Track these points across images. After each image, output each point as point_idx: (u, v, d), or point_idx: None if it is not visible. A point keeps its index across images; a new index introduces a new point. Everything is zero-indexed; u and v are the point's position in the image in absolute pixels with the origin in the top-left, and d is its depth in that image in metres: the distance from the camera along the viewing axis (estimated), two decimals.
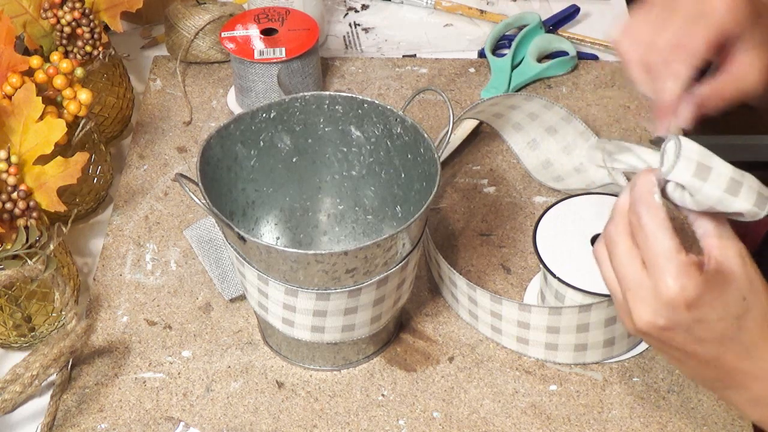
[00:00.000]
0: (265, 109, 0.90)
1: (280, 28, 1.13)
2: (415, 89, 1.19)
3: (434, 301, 0.97)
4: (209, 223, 0.96)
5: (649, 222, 0.67)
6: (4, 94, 0.94)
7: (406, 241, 0.82)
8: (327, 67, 1.23)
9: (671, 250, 0.66)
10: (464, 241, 1.02)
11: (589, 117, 1.15)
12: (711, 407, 0.87)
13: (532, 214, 1.05)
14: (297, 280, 0.81)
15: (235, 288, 0.96)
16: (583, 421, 0.87)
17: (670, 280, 0.66)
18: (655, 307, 0.68)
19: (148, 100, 1.20)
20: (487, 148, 1.12)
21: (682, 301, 0.66)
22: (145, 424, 0.87)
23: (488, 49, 1.23)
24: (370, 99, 0.90)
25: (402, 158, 0.91)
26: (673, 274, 0.66)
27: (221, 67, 1.24)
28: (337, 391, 0.90)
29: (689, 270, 0.66)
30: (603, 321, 0.87)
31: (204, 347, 0.93)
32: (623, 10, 1.32)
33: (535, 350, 0.91)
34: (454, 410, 0.88)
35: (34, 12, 1.05)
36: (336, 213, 0.99)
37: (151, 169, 1.11)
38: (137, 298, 0.98)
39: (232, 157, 0.91)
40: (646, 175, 0.69)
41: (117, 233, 1.04)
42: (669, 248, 0.67)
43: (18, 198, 0.90)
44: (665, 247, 0.67)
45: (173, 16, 1.22)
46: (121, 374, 0.91)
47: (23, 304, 0.91)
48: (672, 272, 0.66)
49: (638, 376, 0.90)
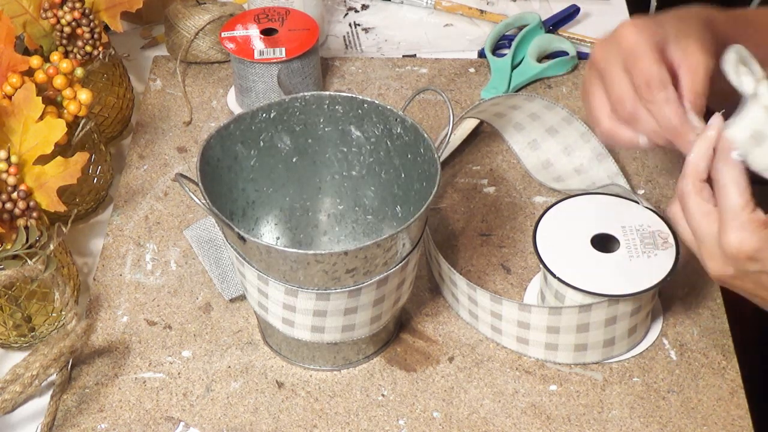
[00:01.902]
0: (265, 109, 0.90)
1: (280, 28, 1.13)
2: (415, 89, 1.19)
3: (434, 301, 0.97)
4: (209, 223, 0.96)
5: (723, 177, 0.73)
6: (4, 94, 0.94)
7: (406, 241, 0.82)
8: (327, 67, 1.23)
9: (738, 206, 0.72)
10: (464, 241, 1.02)
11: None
12: (711, 407, 0.87)
13: (532, 214, 1.05)
14: (297, 280, 0.81)
15: (235, 288, 0.96)
16: (583, 421, 0.87)
17: (732, 234, 0.72)
18: (722, 258, 0.74)
19: (148, 100, 1.20)
20: (487, 148, 1.12)
21: (743, 254, 0.72)
22: (145, 424, 0.87)
23: (488, 49, 1.23)
24: (370, 99, 0.90)
25: (402, 158, 0.91)
26: (736, 229, 0.72)
27: (221, 67, 1.24)
28: (337, 391, 0.90)
29: (751, 226, 0.72)
30: (603, 321, 0.87)
31: (204, 347, 0.93)
32: (623, 10, 1.32)
33: (535, 350, 0.91)
34: (454, 410, 0.88)
35: (34, 12, 1.05)
36: (336, 213, 0.99)
37: (151, 169, 1.11)
38: (137, 298, 0.98)
39: (232, 157, 0.91)
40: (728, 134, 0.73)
41: (117, 233, 1.04)
42: (736, 204, 0.72)
43: (18, 198, 0.90)
44: (733, 203, 0.72)
45: (173, 16, 1.22)
46: (121, 374, 0.91)
47: (23, 304, 0.91)
48: (735, 227, 0.72)
49: (638, 376, 0.90)
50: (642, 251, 0.88)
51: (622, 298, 0.86)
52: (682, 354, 0.91)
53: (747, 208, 0.72)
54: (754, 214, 0.72)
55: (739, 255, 0.72)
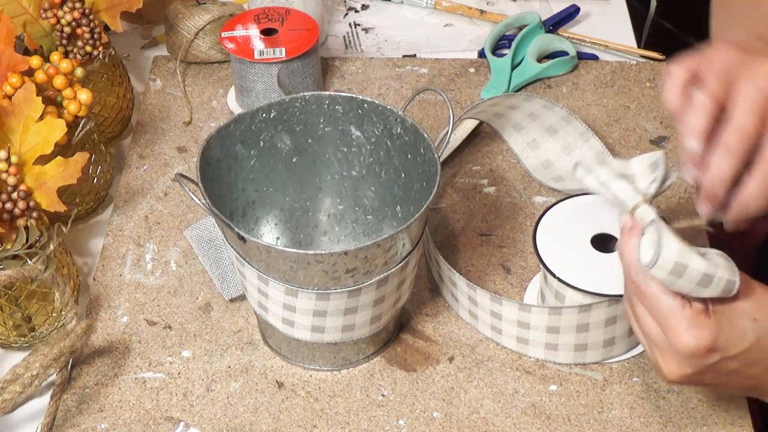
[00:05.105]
0: (265, 109, 0.90)
1: (280, 28, 1.13)
2: (415, 89, 1.19)
3: (434, 301, 0.97)
4: (209, 223, 0.96)
5: (648, 287, 0.73)
6: (4, 94, 0.94)
7: (406, 241, 0.82)
8: (327, 67, 1.23)
9: (676, 308, 0.72)
10: (464, 241, 1.02)
11: (589, 117, 1.15)
12: (711, 407, 0.87)
13: (532, 214, 1.05)
14: (297, 280, 0.81)
15: (235, 288, 0.96)
16: (583, 421, 0.87)
17: (685, 335, 0.71)
18: (678, 360, 0.73)
19: (148, 100, 1.20)
20: (487, 148, 1.12)
21: (702, 350, 0.71)
22: (145, 424, 0.88)
23: (488, 49, 1.23)
24: (370, 99, 0.90)
25: (402, 158, 0.91)
26: (686, 329, 0.72)
27: (221, 67, 1.24)
28: (337, 391, 0.90)
29: (698, 320, 0.71)
30: (603, 321, 0.87)
31: (204, 347, 0.93)
32: (623, 11, 1.32)
33: (535, 350, 0.91)
34: (454, 410, 0.88)
35: (34, 12, 1.05)
36: (336, 213, 0.99)
37: (151, 169, 1.11)
38: (137, 298, 0.98)
39: (232, 157, 0.91)
40: (628, 241, 0.73)
41: (117, 233, 1.04)
42: (673, 306, 0.72)
43: (18, 198, 0.90)
44: (670, 307, 0.72)
45: (173, 16, 1.22)
46: (121, 374, 0.91)
47: (23, 304, 0.91)
48: (684, 327, 0.72)
49: (638, 376, 0.90)
50: None
51: (622, 298, 0.86)
52: None
53: (686, 306, 0.72)
54: (693, 307, 0.72)
55: (698, 352, 0.71)
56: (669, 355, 0.74)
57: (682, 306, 0.72)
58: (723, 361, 0.73)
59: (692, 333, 0.71)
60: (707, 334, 0.71)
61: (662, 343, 0.74)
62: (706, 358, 0.72)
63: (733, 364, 0.73)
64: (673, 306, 0.72)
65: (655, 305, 0.73)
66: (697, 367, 0.73)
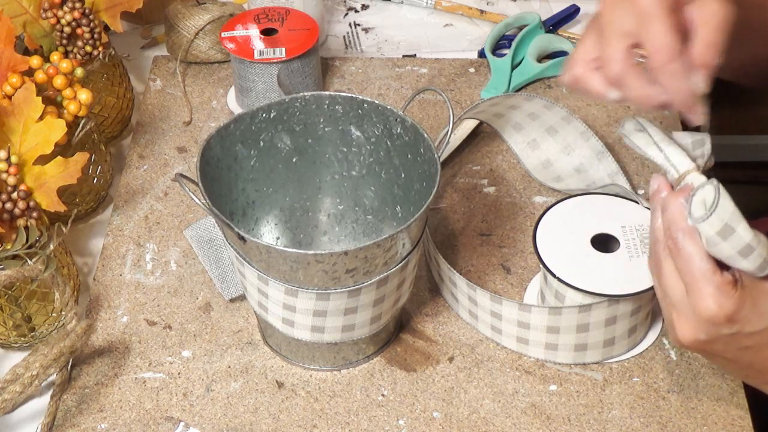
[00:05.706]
0: (265, 109, 0.90)
1: (280, 28, 1.14)
2: (415, 89, 1.19)
3: (434, 301, 0.97)
4: (209, 223, 0.96)
5: (685, 246, 0.72)
6: (4, 94, 0.95)
7: (406, 241, 0.82)
8: (327, 67, 1.23)
9: (708, 272, 0.72)
10: (464, 241, 1.02)
11: (589, 117, 1.15)
12: (711, 407, 0.87)
13: (532, 214, 1.05)
14: (297, 280, 0.81)
15: (235, 288, 0.96)
16: (583, 421, 0.87)
17: (709, 300, 0.72)
18: (695, 324, 0.74)
19: (148, 100, 1.20)
20: (487, 148, 1.12)
21: (722, 318, 0.72)
22: (145, 424, 0.88)
23: (488, 49, 1.23)
24: (370, 99, 0.90)
25: (402, 158, 0.91)
26: (711, 295, 0.72)
27: (221, 67, 1.24)
28: (337, 391, 0.90)
29: (725, 288, 0.72)
30: (603, 321, 0.87)
31: (204, 347, 0.93)
32: None
33: (535, 350, 0.91)
34: (454, 410, 0.88)
35: (34, 12, 1.05)
36: (336, 213, 0.99)
37: (151, 169, 1.11)
38: (137, 298, 0.98)
39: (232, 157, 0.91)
40: (676, 199, 0.73)
41: (117, 233, 1.04)
42: (706, 270, 0.72)
43: (18, 198, 0.90)
44: (702, 270, 0.72)
45: (173, 16, 1.22)
46: (121, 374, 0.91)
47: (23, 304, 0.91)
48: (710, 293, 0.72)
49: (638, 376, 0.90)
50: (642, 251, 0.88)
51: (622, 298, 0.86)
52: (682, 354, 0.91)
53: (716, 272, 0.72)
54: (724, 276, 0.72)
55: (717, 319, 0.72)
56: (686, 316, 0.74)
57: (713, 272, 0.72)
58: (738, 335, 0.73)
59: (716, 299, 0.71)
60: (730, 304, 0.71)
61: (682, 304, 0.74)
62: (723, 328, 0.72)
63: (747, 340, 0.74)
64: (705, 269, 0.72)
65: (688, 265, 0.72)
66: (712, 335, 0.73)
